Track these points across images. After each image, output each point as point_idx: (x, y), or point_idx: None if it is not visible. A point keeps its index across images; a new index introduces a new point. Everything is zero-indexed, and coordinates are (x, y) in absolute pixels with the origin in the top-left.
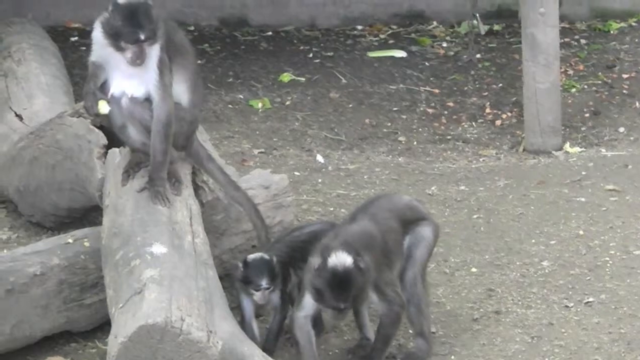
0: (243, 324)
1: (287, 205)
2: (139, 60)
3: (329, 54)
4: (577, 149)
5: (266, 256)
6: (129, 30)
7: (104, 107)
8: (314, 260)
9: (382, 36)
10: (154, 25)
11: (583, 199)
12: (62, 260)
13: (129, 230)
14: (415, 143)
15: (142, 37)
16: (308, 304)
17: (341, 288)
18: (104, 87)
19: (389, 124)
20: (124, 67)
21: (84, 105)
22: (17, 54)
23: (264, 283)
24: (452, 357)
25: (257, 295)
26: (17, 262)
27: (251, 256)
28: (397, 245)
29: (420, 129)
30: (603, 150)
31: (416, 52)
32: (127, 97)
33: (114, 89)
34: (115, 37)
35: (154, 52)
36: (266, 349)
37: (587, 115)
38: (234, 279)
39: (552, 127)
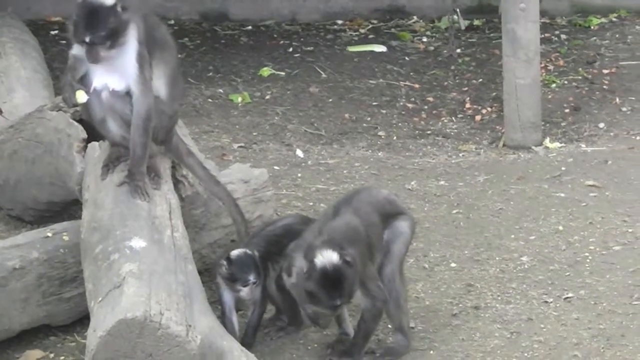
0: (223, 318)
1: (266, 200)
2: (92, 59)
3: (309, 48)
4: (557, 145)
5: (249, 251)
6: (78, 29)
7: (82, 97)
8: (300, 264)
9: (362, 31)
10: (108, 28)
11: (563, 195)
12: (42, 254)
13: (109, 224)
14: (395, 138)
15: (87, 39)
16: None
17: (334, 286)
18: (84, 80)
19: (369, 119)
20: (107, 61)
21: (63, 96)
22: None
23: (251, 278)
24: (431, 352)
25: (245, 291)
26: None
27: (234, 253)
28: (378, 240)
29: (400, 124)
30: (583, 145)
31: (396, 47)
32: (107, 90)
33: (96, 82)
34: (73, 34)
35: (130, 44)
36: (245, 342)
37: (567, 110)
38: (217, 276)
39: (532, 122)
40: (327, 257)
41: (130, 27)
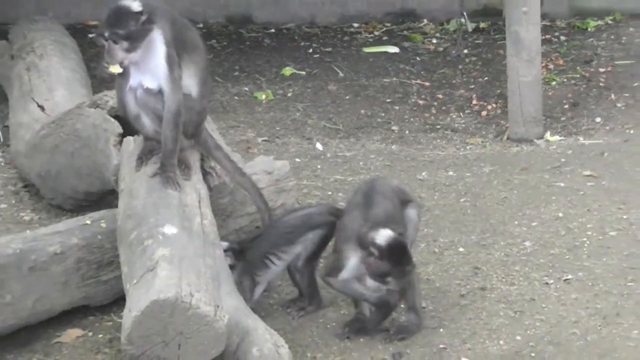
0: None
1: (288, 190)
2: (109, 57)
3: (327, 49)
4: (557, 138)
5: None
6: (102, 26)
7: (116, 69)
8: (357, 254)
9: (376, 33)
10: (127, 29)
11: (562, 184)
12: (81, 240)
13: (142, 212)
14: (407, 132)
15: (106, 34)
16: (350, 268)
17: (403, 255)
18: (122, 76)
19: (383, 115)
20: (140, 62)
21: (98, 70)
22: (40, 49)
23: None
24: (441, 330)
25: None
26: (38, 241)
27: None
28: (402, 222)
29: (411, 119)
30: (581, 139)
31: (408, 48)
32: (142, 88)
33: (132, 80)
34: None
35: (158, 46)
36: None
37: (566, 106)
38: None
39: (534, 117)
40: (386, 235)
41: (155, 33)
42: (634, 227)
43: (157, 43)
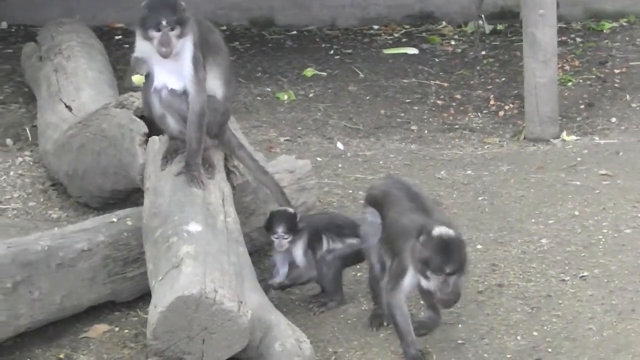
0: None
1: (310, 188)
2: (164, 47)
3: (348, 51)
4: (573, 138)
5: (290, 210)
6: (153, 18)
7: (139, 80)
8: (416, 240)
9: (396, 35)
10: (178, 15)
11: (578, 183)
12: (107, 237)
13: (167, 210)
14: (426, 132)
15: (164, 22)
16: (407, 285)
17: (448, 253)
18: (147, 78)
19: (402, 115)
20: (164, 62)
21: (125, 81)
22: (67, 51)
23: (279, 231)
24: (459, 325)
25: (276, 242)
26: (66, 239)
27: (277, 208)
28: None
29: (430, 119)
30: (596, 138)
31: (427, 50)
32: (166, 89)
33: (157, 82)
34: (144, 28)
35: (187, 47)
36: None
37: (582, 106)
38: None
39: (550, 117)
40: (444, 230)
41: (189, 27)
42: None
43: (187, 44)
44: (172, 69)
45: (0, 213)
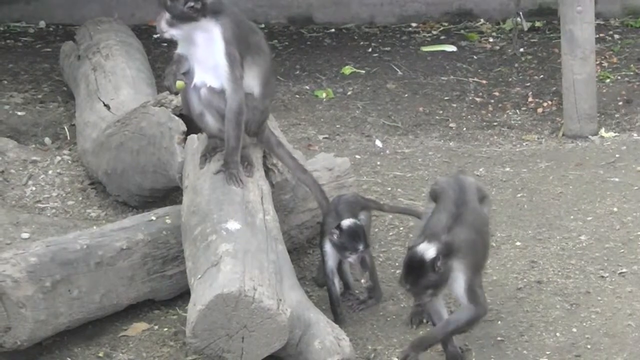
0: (327, 281)
1: (348, 186)
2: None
3: (386, 48)
4: (611, 134)
5: (358, 222)
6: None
7: (181, 86)
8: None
9: (434, 32)
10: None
11: (617, 179)
12: (146, 236)
13: (206, 208)
14: (464, 129)
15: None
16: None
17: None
18: (186, 75)
19: (441, 112)
20: (202, 59)
21: (164, 83)
22: (105, 49)
23: (360, 247)
24: (499, 322)
25: (353, 258)
26: (105, 237)
27: (345, 222)
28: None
29: (469, 116)
30: (635, 135)
31: (465, 47)
32: (205, 87)
33: (196, 79)
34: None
35: (215, 41)
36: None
37: (620, 103)
38: (325, 244)
39: (589, 114)
40: None
41: (215, 29)
42: None
43: (217, 39)
44: (208, 66)
45: (39, 212)
